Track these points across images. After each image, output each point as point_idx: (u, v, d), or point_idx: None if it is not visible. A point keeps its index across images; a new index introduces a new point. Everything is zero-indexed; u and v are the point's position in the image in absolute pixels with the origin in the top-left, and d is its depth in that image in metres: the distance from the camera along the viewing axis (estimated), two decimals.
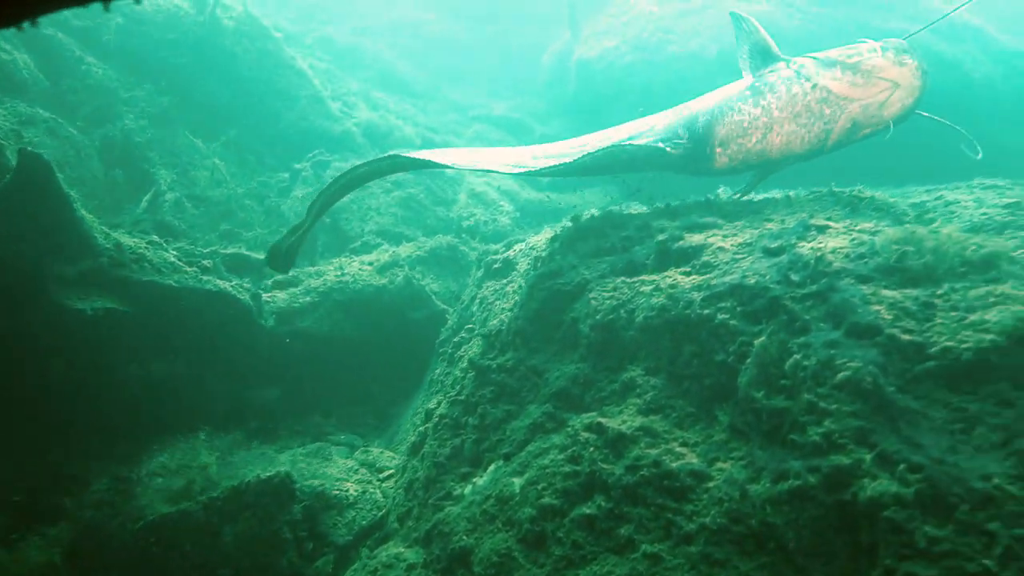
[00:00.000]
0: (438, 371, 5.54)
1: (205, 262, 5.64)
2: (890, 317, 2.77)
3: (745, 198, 4.65)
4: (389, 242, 8.03)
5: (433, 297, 6.76)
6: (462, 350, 5.18)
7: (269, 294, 6.17)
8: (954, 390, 2.55)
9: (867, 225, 3.52)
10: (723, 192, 4.77)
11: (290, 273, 6.26)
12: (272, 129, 9.78)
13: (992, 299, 2.75)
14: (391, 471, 5.05)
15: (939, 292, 2.84)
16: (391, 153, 4.46)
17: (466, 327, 5.54)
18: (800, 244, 3.32)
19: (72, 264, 4.79)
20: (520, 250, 5.79)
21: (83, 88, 7.82)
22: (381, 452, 5.46)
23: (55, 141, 6.84)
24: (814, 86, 4.05)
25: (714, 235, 3.78)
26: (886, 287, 2.95)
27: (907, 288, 2.94)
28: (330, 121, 10.50)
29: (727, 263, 3.45)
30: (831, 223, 3.53)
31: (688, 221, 4.04)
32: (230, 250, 6.58)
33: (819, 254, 3.14)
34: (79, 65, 7.89)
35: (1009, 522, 2.15)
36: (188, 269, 5.41)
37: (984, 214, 5.18)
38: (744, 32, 4.35)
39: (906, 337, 2.68)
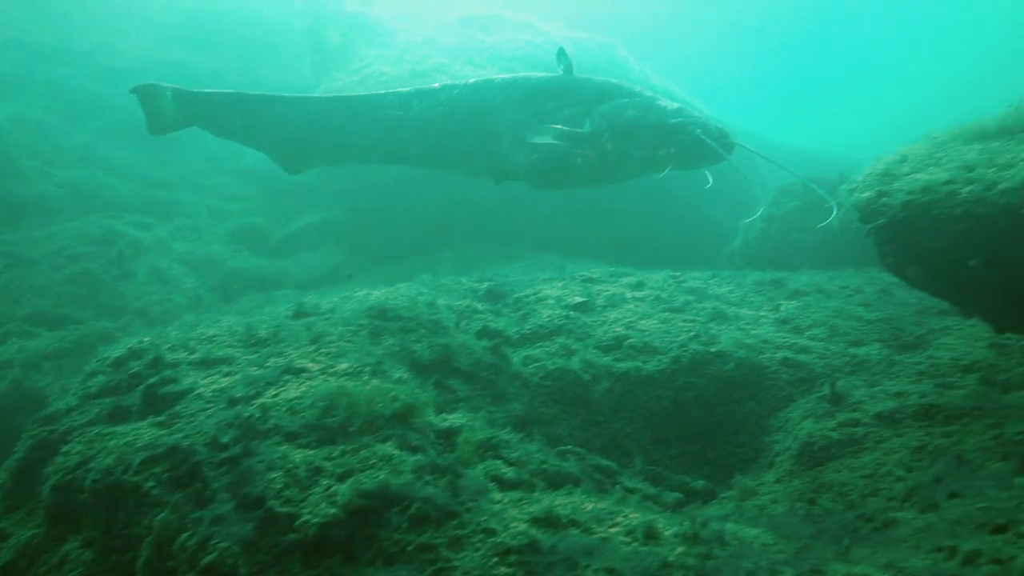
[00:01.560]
0: None
1: None
2: (280, 486, 2.81)
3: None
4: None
5: None
6: None
7: None
8: (309, 565, 2.62)
9: (343, 365, 3.63)
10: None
11: None
12: None
13: (373, 461, 2.91)
14: None
15: (333, 455, 2.95)
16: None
17: None
18: (259, 396, 3.32)
19: None
20: None
21: None
22: None
23: None
24: None
25: (210, 376, 3.70)
26: (303, 446, 3.02)
27: (320, 447, 3.02)
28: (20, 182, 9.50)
29: (192, 415, 3.36)
30: (310, 365, 3.59)
31: (206, 352, 3.94)
32: None
33: (264, 409, 3.16)
34: None
35: None
36: None
37: (559, 313, 5.72)
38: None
39: (284, 509, 2.73)
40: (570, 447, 4.18)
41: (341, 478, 2.80)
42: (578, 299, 5.93)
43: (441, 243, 10.22)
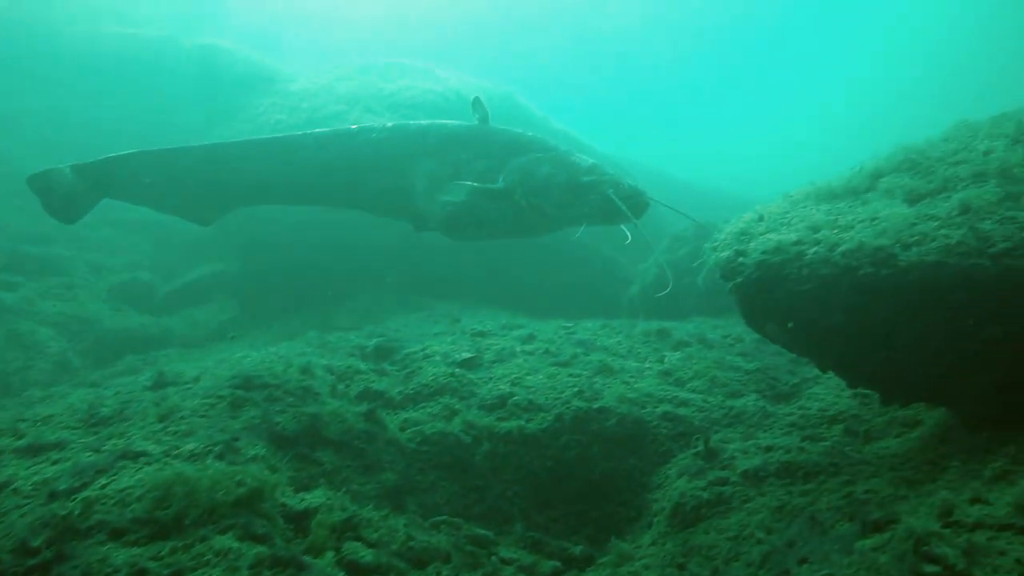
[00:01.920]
0: None
1: None
2: None
3: None
4: None
5: None
6: None
7: None
8: None
9: (190, 446, 3.39)
10: None
11: None
12: None
13: (208, 558, 2.69)
14: None
15: (162, 553, 2.71)
16: None
17: None
18: (85, 487, 3.04)
19: None
20: None
21: None
22: None
23: None
24: None
25: (35, 465, 3.37)
26: (130, 544, 2.77)
27: (150, 544, 2.78)
28: None
29: (4, 514, 3.03)
30: (151, 448, 3.34)
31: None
32: None
33: (87, 504, 2.89)
34: None
35: None
36: None
37: (444, 371, 5.60)
38: None
39: None
40: (445, 517, 4.03)
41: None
42: (466, 355, 5.85)
43: (339, 295, 9.97)
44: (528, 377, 5.51)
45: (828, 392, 5.09)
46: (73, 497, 2.86)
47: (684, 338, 6.38)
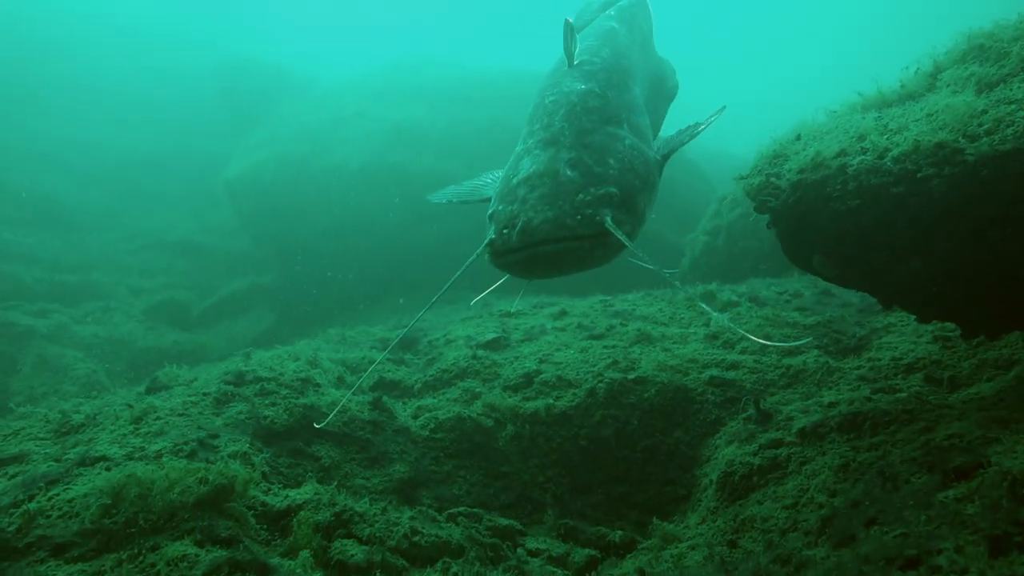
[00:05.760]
0: None
1: None
2: None
3: None
4: None
5: None
6: None
7: None
8: None
9: (157, 446, 3.04)
10: None
11: None
12: None
13: (159, 568, 2.31)
14: None
15: (105, 567, 2.34)
16: None
17: None
18: (32, 499, 2.69)
19: None
20: None
21: None
22: None
23: None
24: None
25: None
26: (74, 559, 2.41)
27: (98, 558, 2.42)
28: None
29: None
30: (114, 451, 3.00)
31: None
32: None
33: (28, 518, 2.54)
34: None
35: None
36: None
37: (466, 354, 5.14)
38: None
39: None
40: (463, 509, 3.58)
41: None
42: (491, 336, 5.39)
43: (376, 297, 9.69)
44: (557, 353, 5.01)
45: (903, 340, 4.42)
46: (11, 512, 2.53)
47: (732, 298, 5.76)
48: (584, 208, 2.67)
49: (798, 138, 3.50)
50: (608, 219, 2.66)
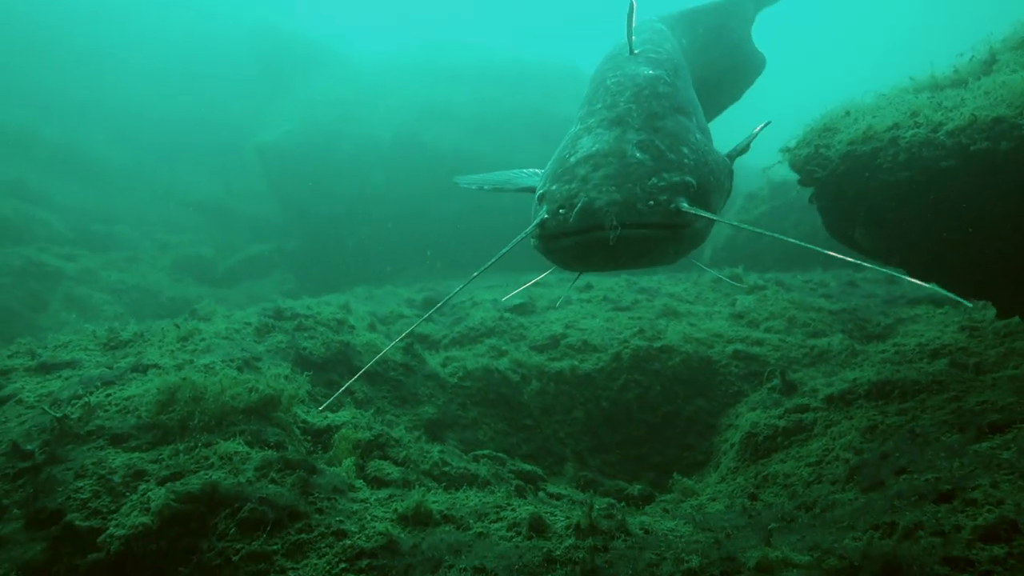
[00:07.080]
0: None
1: None
2: (87, 496, 2.30)
3: None
4: None
5: None
6: None
7: None
8: None
9: (205, 360, 3.13)
10: None
11: None
12: None
13: (212, 461, 2.40)
14: None
15: (163, 456, 2.44)
16: None
17: None
18: (88, 395, 2.79)
19: None
20: None
21: None
22: None
23: None
24: None
25: (45, 380, 3.16)
26: (131, 449, 2.51)
27: (153, 449, 2.51)
28: None
29: (2, 423, 2.83)
30: (164, 361, 3.09)
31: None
32: None
33: (88, 409, 2.65)
34: None
35: None
36: None
37: (493, 315, 5.22)
38: None
39: (86, 523, 2.21)
40: (488, 451, 3.66)
41: (163, 482, 2.29)
42: (517, 301, 5.47)
43: (398, 268, 9.79)
44: (583, 320, 5.08)
45: (929, 329, 4.47)
46: (73, 403, 2.63)
47: (759, 282, 5.81)
48: (658, 194, 2.23)
49: (847, 114, 3.55)
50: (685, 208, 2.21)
